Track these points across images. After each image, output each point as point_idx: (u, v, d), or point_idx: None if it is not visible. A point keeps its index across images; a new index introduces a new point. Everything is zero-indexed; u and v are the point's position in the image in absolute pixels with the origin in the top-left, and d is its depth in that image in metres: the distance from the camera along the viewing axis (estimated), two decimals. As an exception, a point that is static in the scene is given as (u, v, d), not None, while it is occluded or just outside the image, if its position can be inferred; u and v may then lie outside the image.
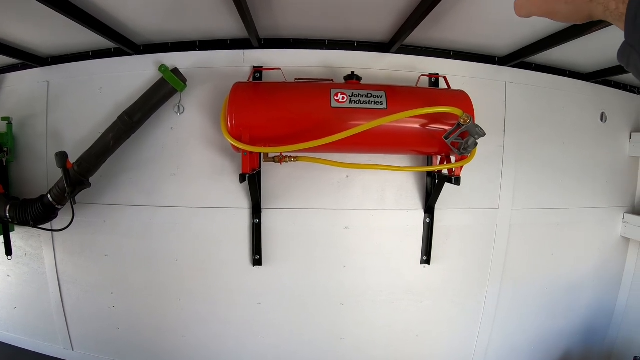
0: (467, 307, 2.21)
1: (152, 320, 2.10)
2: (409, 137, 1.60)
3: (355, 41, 1.92)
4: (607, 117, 2.34)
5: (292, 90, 1.59)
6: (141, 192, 1.97)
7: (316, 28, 1.79)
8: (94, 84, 1.98)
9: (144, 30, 1.79)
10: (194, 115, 1.92)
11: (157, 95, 1.80)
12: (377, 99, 1.53)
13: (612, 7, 0.45)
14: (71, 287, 2.11)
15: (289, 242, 2.01)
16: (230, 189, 1.94)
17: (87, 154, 1.79)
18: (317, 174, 1.95)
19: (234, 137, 1.49)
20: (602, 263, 2.42)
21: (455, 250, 2.11)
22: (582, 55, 2.00)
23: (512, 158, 2.12)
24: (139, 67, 1.93)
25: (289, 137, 1.50)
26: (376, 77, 1.92)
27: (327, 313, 2.10)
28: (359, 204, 2.01)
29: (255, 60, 1.90)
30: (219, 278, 2.03)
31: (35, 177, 2.05)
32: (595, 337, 2.51)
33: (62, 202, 1.82)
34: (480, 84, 2.04)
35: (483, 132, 1.48)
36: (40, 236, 2.09)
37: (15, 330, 2.27)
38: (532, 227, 2.21)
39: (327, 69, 1.91)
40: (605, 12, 0.47)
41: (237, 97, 1.52)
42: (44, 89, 2.03)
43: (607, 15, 0.47)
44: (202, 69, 1.91)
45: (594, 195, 2.34)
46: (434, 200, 1.94)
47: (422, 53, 1.98)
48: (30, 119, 2.04)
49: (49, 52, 2.00)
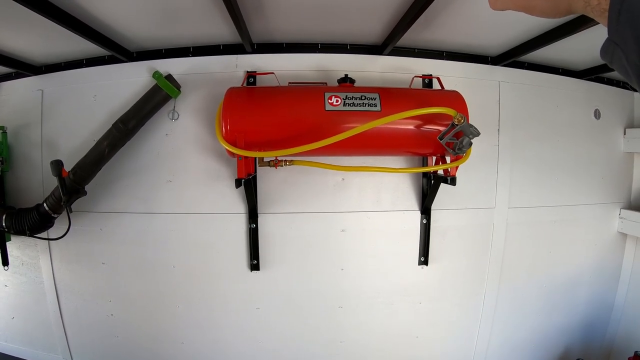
0: (466, 307, 2.21)
1: (150, 327, 2.09)
2: (403, 139, 1.60)
3: (348, 44, 1.93)
4: (601, 114, 2.35)
5: (286, 95, 1.59)
6: (137, 199, 1.96)
7: (309, 32, 1.80)
8: (88, 91, 1.97)
9: (137, 37, 1.79)
10: (188, 121, 1.92)
11: (151, 101, 1.80)
12: (371, 101, 1.53)
13: (593, 3, 0.43)
14: (69, 296, 2.10)
15: (286, 246, 2.00)
16: (226, 194, 1.94)
17: (83, 162, 1.78)
18: (312, 177, 1.95)
19: (229, 142, 1.49)
20: (600, 259, 2.42)
21: (453, 250, 2.11)
22: (575, 53, 2.01)
23: (507, 157, 2.13)
24: (132, 74, 1.92)
25: (283, 141, 1.50)
26: (370, 80, 1.92)
27: (326, 316, 2.10)
28: (355, 207, 2.00)
29: (249, 65, 1.90)
30: (216, 284, 2.02)
31: (30, 186, 2.04)
32: (595, 332, 2.52)
33: (58, 210, 1.82)
34: (474, 83, 2.05)
35: (477, 131, 1.48)
36: (37, 245, 2.08)
37: (14, 340, 2.25)
38: (529, 226, 2.22)
39: (321, 72, 1.91)
40: (586, 7, 0.44)
41: (231, 102, 1.52)
42: (38, 97, 2.02)
43: (589, 11, 0.44)
44: (196, 75, 1.91)
45: (590, 191, 2.34)
46: (430, 201, 1.95)
47: (415, 54, 1.99)
48: (25, 128, 2.03)
49: (42, 60, 2.00)
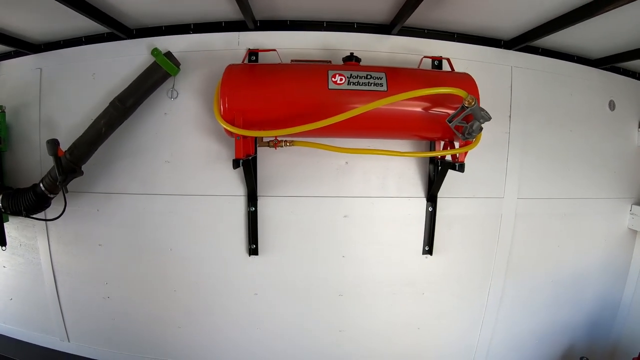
0: (470, 299, 2.15)
1: (147, 311, 2.07)
2: (410, 121, 1.54)
3: (355, 22, 1.86)
4: (616, 105, 2.26)
5: (287, 72, 1.54)
6: (135, 180, 1.93)
7: (314, 8, 1.73)
8: (87, 69, 1.93)
9: (136, 14, 1.74)
10: (187, 100, 1.87)
11: (149, 79, 1.75)
12: (377, 81, 1.47)
13: None
14: (66, 278, 2.08)
15: (285, 231, 1.96)
16: (226, 176, 1.90)
17: (79, 142, 1.75)
18: (315, 160, 1.89)
19: (227, 121, 1.44)
20: (609, 255, 2.35)
21: (459, 240, 2.05)
22: (591, 40, 1.92)
23: (518, 145, 2.05)
24: (132, 52, 1.88)
25: (283, 121, 1.45)
26: (377, 60, 1.85)
27: (326, 304, 2.06)
28: (359, 192, 1.95)
29: (251, 42, 1.84)
30: (214, 268, 2.00)
31: (29, 166, 2.01)
32: (600, 330, 2.46)
33: (54, 191, 1.79)
34: (485, 67, 1.98)
35: (488, 115, 1.41)
36: (35, 226, 2.05)
37: (12, 321, 2.25)
38: (538, 218, 2.15)
39: (326, 51, 1.85)
40: None
41: (230, 79, 1.47)
42: (37, 76, 1.98)
43: None
44: (196, 52, 1.85)
45: (601, 185, 2.27)
46: (436, 188, 1.88)
47: (424, 35, 1.91)
48: (23, 107, 2.00)
49: (41, 38, 1.96)
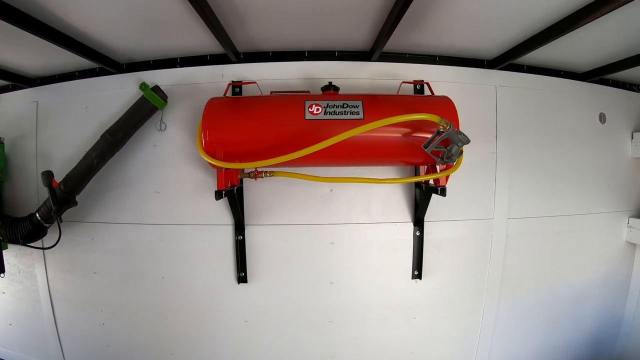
0: (463, 323, 2.12)
1: (141, 338, 2.09)
2: (389, 148, 1.55)
3: (336, 51, 1.89)
4: (607, 118, 2.24)
5: (265, 104, 1.56)
6: (126, 210, 1.97)
7: (294, 39, 1.77)
8: (79, 103, 2.00)
9: (124, 49, 1.80)
10: (175, 132, 1.92)
11: (138, 113, 1.81)
12: (353, 109, 1.49)
13: None
14: (63, 305, 2.12)
15: (273, 259, 1.97)
16: (214, 206, 1.92)
17: (73, 173, 1.80)
18: (300, 188, 1.91)
19: (209, 154, 1.47)
20: (608, 270, 2.30)
21: (449, 263, 2.03)
22: (577, 53, 1.92)
23: (506, 165, 2.04)
24: (122, 86, 1.94)
25: (263, 152, 1.47)
26: (359, 87, 1.88)
27: (315, 331, 2.05)
28: (344, 219, 1.95)
29: (235, 74, 1.88)
30: (204, 295, 2.00)
31: (26, 195, 2.07)
32: (603, 347, 2.39)
33: (49, 220, 1.84)
34: (469, 89, 1.99)
35: (467, 138, 1.41)
36: (32, 254, 2.11)
37: (11, 346, 2.28)
38: (531, 237, 2.12)
39: (307, 80, 1.88)
40: None
41: (210, 113, 1.50)
42: (33, 109, 2.06)
43: None
44: (183, 86, 1.91)
45: (596, 200, 2.23)
46: (422, 212, 1.88)
47: (406, 60, 1.93)
48: (20, 138, 2.08)
49: (37, 73, 2.04)
